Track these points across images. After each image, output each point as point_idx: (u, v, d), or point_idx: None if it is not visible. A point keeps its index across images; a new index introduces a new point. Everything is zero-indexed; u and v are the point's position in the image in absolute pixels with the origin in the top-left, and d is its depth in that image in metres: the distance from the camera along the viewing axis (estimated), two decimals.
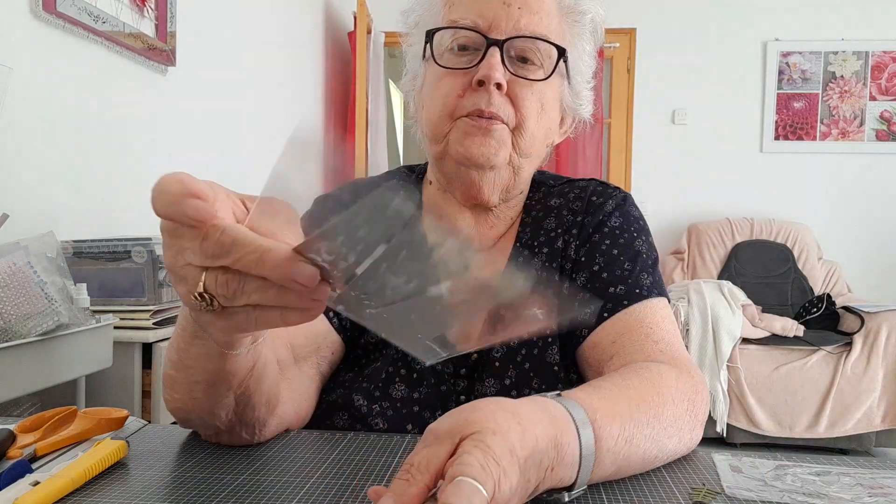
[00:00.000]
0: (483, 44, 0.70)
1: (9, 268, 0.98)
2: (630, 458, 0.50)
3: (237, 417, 0.55)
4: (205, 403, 0.53)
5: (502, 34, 0.69)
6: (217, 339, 0.46)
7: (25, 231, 1.20)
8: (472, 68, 0.70)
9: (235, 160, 2.44)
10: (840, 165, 3.74)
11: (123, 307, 1.35)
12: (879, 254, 3.72)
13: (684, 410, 0.58)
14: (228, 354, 0.48)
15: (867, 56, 3.70)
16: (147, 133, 1.87)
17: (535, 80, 0.71)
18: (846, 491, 0.48)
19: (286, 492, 0.48)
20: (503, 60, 0.69)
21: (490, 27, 0.70)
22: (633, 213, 0.79)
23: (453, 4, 0.73)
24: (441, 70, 0.72)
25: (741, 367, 2.89)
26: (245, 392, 0.53)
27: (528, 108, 0.71)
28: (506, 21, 0.69)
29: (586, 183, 0.81)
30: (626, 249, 0.74)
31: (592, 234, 0.75)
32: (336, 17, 3.49)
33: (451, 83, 0.71)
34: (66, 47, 1.54)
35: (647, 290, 0.71)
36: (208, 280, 0.38)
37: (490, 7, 0.70)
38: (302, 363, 0.69)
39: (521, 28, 0.70)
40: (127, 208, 1.79)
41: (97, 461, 0.50)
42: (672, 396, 0.57)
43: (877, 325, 2.84)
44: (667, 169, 3.88)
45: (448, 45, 0.72)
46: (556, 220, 0.78)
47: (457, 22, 0.71)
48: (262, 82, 2.67)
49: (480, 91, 0.69)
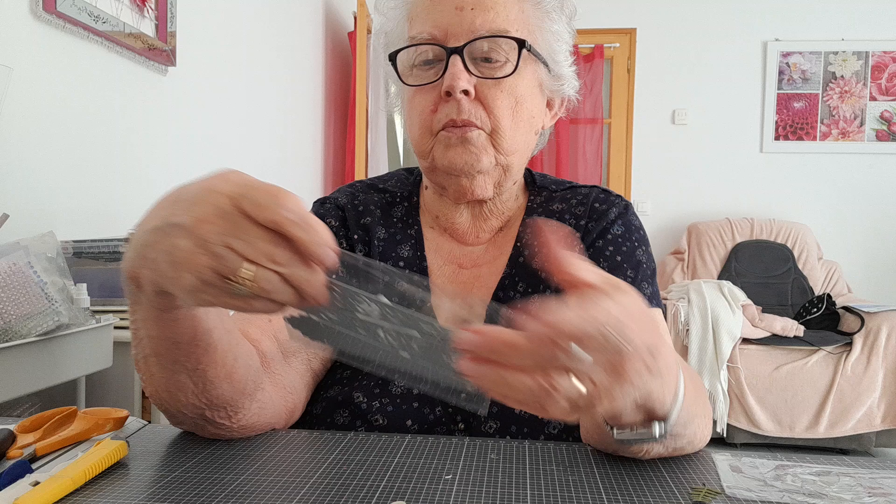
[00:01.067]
0: (444, 54, 0.70)
1: (9, 268, 0.98)
2: (691, 420, 0.52)
3: (203, 400, 0.55)
4: (163, 382, 0.54)
5: (459, 40, 0.69)
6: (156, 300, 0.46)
7: (25, 231, 1.20)
8: (439, 80, 0.70)
9: (235, 160, 2.44)
10: (840, 165, 3.75)
11: (123, 307, 1.35)
12: (879, 254, 3.72)
13: (705, 403, 0.60)
14: (165, 318, 0.48)
15: (867, 56, 3.70)
16: (147, 133, 1.87)
17: (502, 78, 0.70)
18: (846, 491, 0.48)
19: (286, 492, 0.48)
20: (466, 66, 0.69)
21: (447, 35, 0.69)
22: (635, 222, 0.79)
23: (413, 19, 0.72)
24: (412, 88, 0.73)
25: (741, 367, 2.89)
26: (198, 367, 0.53)
27: (500, 109, 0.71)
28: (460, 26, 0.69)
29: (589, 189, 0.82)
30: (628, 258, 0.75)
31: (596, 240, 0.76)
32: (336, 17, 3.49)
33: (423, 99, 0.72)
34: (66, 47, 1.54)
35: (647, 299, 0.72)
36: (260, 274, 0.40)
37: (443, 16, 0.69)
38: (291, 358, 0.70)
39: (476, 29, 0.69)
40: (127, 208, 1.79)
41: (97, 461, 0.50)
42: (703, 391, 0.59)
43: (877, 325, 2.84)
44: (667, 169, 3.89)
45: (412, 63, 0.73)
46: (557, 223, 0.78)
47: (415, 38, 0.71)
48: (262, 82, 2.67)
49: (450, 102, 0.69)
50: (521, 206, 0.82)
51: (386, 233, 0.80)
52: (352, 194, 0.84)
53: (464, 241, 0.80)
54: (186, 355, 0.52)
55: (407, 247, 0.79)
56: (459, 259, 0.79)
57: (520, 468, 0.53)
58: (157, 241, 0.42)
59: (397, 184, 0.86)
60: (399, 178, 0.87)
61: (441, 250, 0.80)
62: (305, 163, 3.17)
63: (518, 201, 0.82)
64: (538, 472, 0.53)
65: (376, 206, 0.82)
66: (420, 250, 0.79)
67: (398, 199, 0.84)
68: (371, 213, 0.81)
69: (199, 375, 0.53)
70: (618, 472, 0.53)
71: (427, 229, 0.82)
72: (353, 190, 0.85)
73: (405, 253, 0.79)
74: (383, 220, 0.81)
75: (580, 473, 0.53)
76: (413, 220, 0.82)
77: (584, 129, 3.92)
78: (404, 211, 0.83)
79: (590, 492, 0.48)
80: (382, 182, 0.87)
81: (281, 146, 2.88)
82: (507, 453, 0.57)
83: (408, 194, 0.84)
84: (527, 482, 0.50)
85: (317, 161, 3.31)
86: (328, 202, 0.84)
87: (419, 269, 0.78)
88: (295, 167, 3.05)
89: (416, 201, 0.84)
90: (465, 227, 0.80)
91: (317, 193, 3.28)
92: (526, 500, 0.47)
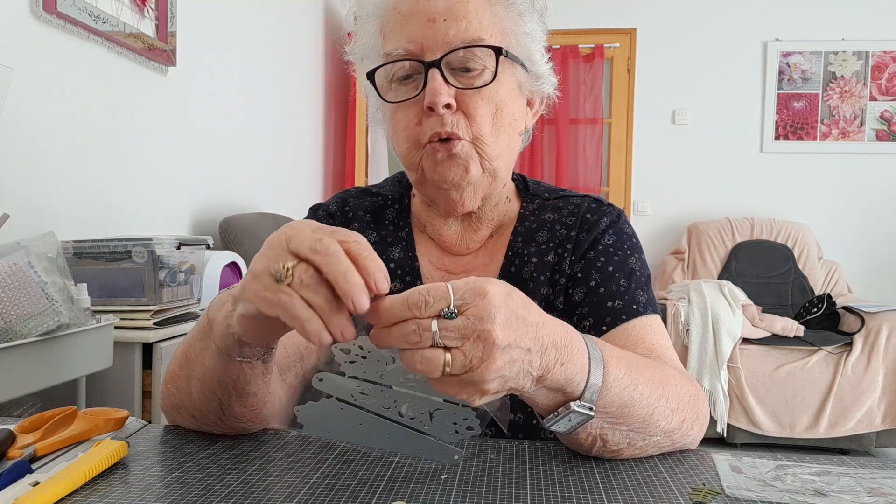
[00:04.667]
0: (422, 68, 0.69)
1: (9, 268, 0.98)
2: (634, 403, 0.55)
3: (223, 424, 0.61)
4: (196, 402, 0.60)
5: (436, 52, 0.68)
6: (242, 339, 0.53)
7: (25, 231, 1.20)
8: (420, 95, 0.69)
9: (235, 160, 2.44)
10: (840, 165, 3.74)
11: (124, 307, 1.35)
12: (880, 254, 3.72)
13: (687, 398, 0.60)
14: (222, 358, 0.55)
15: (867, 56, 3.70)
16: (147, 133, 1.87)
17: (482, 87, 0.70)
18: (846, 491, 0.48)
19: (286, 492, 0.48)
20: (445, 78, 0.68)
21: (423, 49, 0.69)
22: (627, 230, 0.79)
23: (387, 34, 0.72)
24: (393, 105, 0.72)
25: (741, 367, 2.89)
26: (230, 402, 0.59)
27: (481, 117, 0.70)
28: (434, 38, 0.68)
29: (580, 199, 0.82)
30: (621, 267, 0.75)
31: (587, 251, 0.76)
32: (336, 17, 3.49)
33: (406, 115, 0.71)
34: (67, 47, 1.54)
35: (642, 307, 0.72)
36: (299, 266, 0.46)
37: (417, 29, 0.69)
38: (286, 373, 0.72)
39: (451, 40, 0.68)
40: (127, 208, 1.79)
41: (97, 461, 0.50)
42: (675, 382, 0.61)
43: (877, 325, 2.83)
44: (667, 169, 3.88)
45: (390, 77, 0.72)
46: (548, 233, 0.78)
47: (391, 54, 0.70)
48: (262, 82, 2.67)
49: (433, 116, 0.69)
50: (513, 212, 0.82)
51: (377, 236, 0.81)
52: (343, 200, 0.85)
53: (453, 252, 0.80)
54: (223, 390, 0.58)
55: (398, 249, 0.80)
56: (448, 266, 0.80)
57: (520, 468, 0.53)
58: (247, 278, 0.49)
59: (390, 187, 0.87)
60: (392, 181, 0.89)
61: (430, 255, 0.81)
62: (305, 163, 3.17)
63: (510, 206, 0.82)
64: (538, 472, 0.53)
65: (366, 210, 0.83)
66: (411, 251, 0.80)
67: (389, 202, 0.85)
68: (360, 218, 0.82)
69: (226, 407, 0.59)
70: (618, 472, 0.53)
71: (417, 233, 0.82)
72: (346, 196, 0.86)
73: (396, 255, 0.80)
74: (374, 224, 0.82)
75: (580, 473, 0.53)
76: (404, 223, 0.83)
77: (584, 129, 3.92)
78: (395, 213, 0.84)
79: (590, 492, 0.48)
80: (377, 187, 0.88)
81: (281, 146, 2.88)
82: (507, 453, 0.57)
83: (399, 196, 0.85)
84: (527, 482, 0.50)
85: (316, 161, 3.31)
86: (321, 210, 0.85)
87: (411, 269, 0.78)
88: (295, 167, 3.05)
89: (406, 203, 0.85)
90: (455, 239, 0.80)
91: (317, 193, 3.28)
92: (526, 500, 0.47)
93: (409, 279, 0.78)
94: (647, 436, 0.56)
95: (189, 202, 2.11)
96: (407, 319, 0.45)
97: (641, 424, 0.55)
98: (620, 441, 0.55)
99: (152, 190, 1.89)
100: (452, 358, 0.44)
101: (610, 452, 0.56)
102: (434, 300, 0.44)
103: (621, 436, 0.55)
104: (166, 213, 1.97)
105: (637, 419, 0.55)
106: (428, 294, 0.44)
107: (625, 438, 0.55)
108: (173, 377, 0.62)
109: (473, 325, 0.44)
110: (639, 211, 3.93)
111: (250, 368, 0.57)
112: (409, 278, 0.78)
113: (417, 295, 0.44)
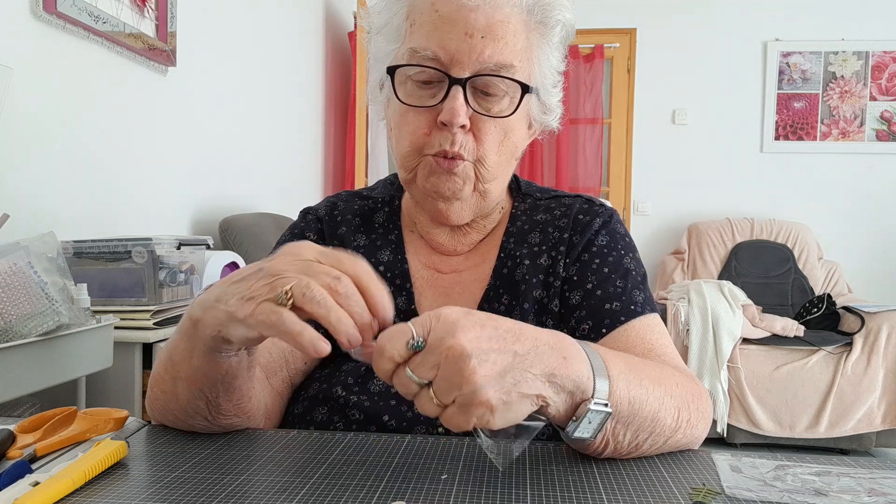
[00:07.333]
0: (445, 80, 0.67)
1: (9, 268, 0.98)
2: (640, 399, 0.54)
3: (211, 422, 0.61)
4: (182, 402, 0.60)
5: (465, 69, 0.67)
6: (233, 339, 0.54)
7: (25, 231, 1.20)
8: (437, 106, 0.68)
9: (235, 160, 2.44)
10: (840, 165, 3.75)
11: (124, 307, 1.35)
12: (880, 254, 3.72)
13: (690, 396, 0.60)
14: (209, 356, 0.56)
15: (867, 56, 3.70)
16: (147, 133, 1.87)
17: (498, 118, 0.69)
18: (846, 491, 0.48)
19: (286, 492, 0.48)
20: (466, 98, 0.67)
21: (452, 61, 0.67)
22: (619, 230, 0.79)
23: (416, 25, 0.69)
24: (406, 105, 0.71)
25: (741, 367, 2.89)
26: (216, 399, 0.59)
27: (489, 143, 0.70)
28: (468, 54, 0.66)
29: (572, 200, 0.81)
30: (617, 268, 0.75)
31: (582, 254, 0.76)
32: (336, 17, 3.49)
33: (416, 120, 0.70)
34: (67, 47, 1.54)
35: (640, 306, 0.72)
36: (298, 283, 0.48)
37: (452, 38, 0.66)
38: (272, 377, 0.72)
39: (485, 59, 0.66)
40: (127, 208, 1.79)
41: (97, 461, 0.50)
42: (676, 381, 0.61)
43: (877, 325, 2.84)
44: (667, 169, 3.89)
45: (408, 74, 0.70)
46: (541, 235, 0.78)
47: (417, 53, 0.68)
48: (263, 82, 2.67)
49: (444, 131, 0.68)
50: (504, 212, 0.82)
51: (366, 239, 0.81)
52: (333, 204, 0.85)
53: (443, 252, 0.80)
54: (211, 387, 0.58)
55: (388, 251, 0.80)
56: (438, 265, 0.79)
57: (520, 468, 0.53)
58: (236, 287, 0.51)
59: (381, 189, 0.87)
60: (385, 183, 0.88)
61: (420, 254, 0.80)
62: (305, 163, 3.17)
63: (501, 206, 0.82)
64: (538, 472, 0.53)
65: (355, 214, 0.83)
66: (401, 253, 0.79)
67: (380, 205, 0.84)
68: (349, 222, 0.82)
69: (213, 405, 0.60)
70: (618, 472, 0.53)
71: (407, 233, 0.82)
72: (337, 199, 0.86)
73: (385, 258, 0.79)
74: (363, 227, 0.82)
75: (580, 473, 0.53)
76: (394, 225, 0.82)
77: (584, 129, 3.92)
78: (385, 216, 0.83)
79: (590, 492, 0.48)
80: (368, 190, 0.87)
81: (281, 146, 2.88)
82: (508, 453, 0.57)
83: (389, 198, 0.85)
84: (527, 482, 0.50)
85: (317, 161, 3.31)
86: (311, 214, 0.84)
87: (400, 272, 0.78)
88: (295, 167, 3.05)
89: (397, 205, 0.84)
90: (444, 240, 0.80)
91: (317, 193, 3.28)
92: (526, 500, 0.47)
93: (399, 282, 0.77)
94: (655, 434, 0.56)
95: (189, 202, 2.11)
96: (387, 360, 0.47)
97: (650, 423, 0.55)
98: (630, 441, 0.55)
99: (152, 190, 1.89)
100: (435, 387, 0.45)
101: (620, 455, 0.56)
102: (396, 334, 0.46)
103: (631, 436, 0.55)
104: (166, 213, 1.97)
105: (646, 417, 0.55)
106: (390, 333, 0.47)
107: (634, 438, 0.55)
108: (158, 381, 0.62)
109: (438, 345, 0.45)
110: (639, 211, 3.93)
111: (237, 361, 0.58)
112: (398, 281, 0.77)
113: (382, 339, 0.47)
